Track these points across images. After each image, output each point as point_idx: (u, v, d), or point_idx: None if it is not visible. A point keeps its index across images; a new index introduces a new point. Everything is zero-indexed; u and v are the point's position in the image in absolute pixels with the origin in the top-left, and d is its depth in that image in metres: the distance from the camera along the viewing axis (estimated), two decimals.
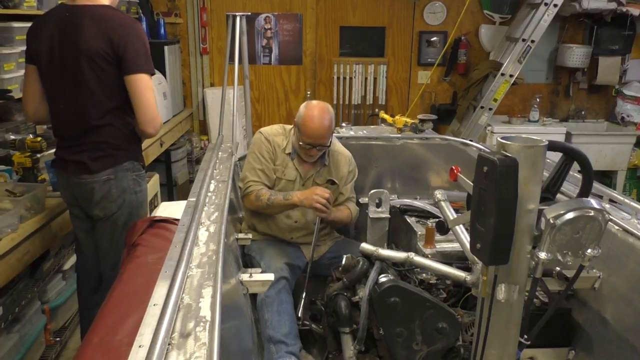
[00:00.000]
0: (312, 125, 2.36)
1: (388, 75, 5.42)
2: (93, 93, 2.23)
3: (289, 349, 2.12)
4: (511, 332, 1.48)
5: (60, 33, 2.22)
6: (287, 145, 2.51)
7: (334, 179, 2.56)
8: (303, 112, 2.41)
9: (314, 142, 2.39)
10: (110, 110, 2.27)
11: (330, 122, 2.41)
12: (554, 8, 4.49)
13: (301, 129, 2.39)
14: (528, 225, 1.36)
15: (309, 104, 2.44)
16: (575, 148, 1.65)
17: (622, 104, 5.34)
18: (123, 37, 2.19)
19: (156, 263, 2.17)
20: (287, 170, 2.49)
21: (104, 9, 2.25)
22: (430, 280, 2.23)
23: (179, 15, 5.16)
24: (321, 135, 2.38)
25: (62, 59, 2.23)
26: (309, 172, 2.51)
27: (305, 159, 2.48)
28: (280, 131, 2.57)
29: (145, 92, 2.24)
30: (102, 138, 2.28)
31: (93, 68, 2.20)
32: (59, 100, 2.30)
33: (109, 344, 1.89)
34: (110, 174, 2.31)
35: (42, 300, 2.82)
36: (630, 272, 1.92)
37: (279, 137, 2.53)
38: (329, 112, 2.43)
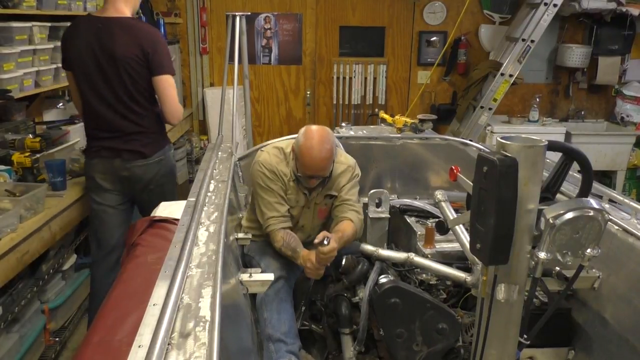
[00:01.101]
0: (310, 158, 2.21)
1: (388, 75, 5.42)
2: (130, 92, 2.64)
3: (289, 347, 2.11)
4: (511, 332, 1.48)
5: (97, 42, 2.59)
6: (291, 173, 2.37)
7: (332, 193, 2.44)
8: (301, 142, 2.23)
9: (312, 174, 2.26)
10: (145, 104, 2.71)
11: (329, 153, 2.23)
12: (554, 8, 4.49)
13: (299, 160, 2.25)
14: (528, 225, 1.36)
15: (307, 132, 2.25)
16: (574, 148, 1.66)
17: (621, 104, 5.34)
18: (151, 44, 2.62)
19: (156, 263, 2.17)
20: (297, 197, 2.39)
21: (130, 20, 2.70)
22: (430, 280, 2.23)
23: (178, 15, 5.16)
24: (320, 167, 2.24)
25: (99, 64, 2.61)
26: (313, 194, 2.41)
27: (306, 185, 2.35)
28: (280, 157, 2.40)
29: (169, 89, 2.69)
30: (145, 128, 2.73)
31: (128, 70, 2.60)
32: (99, 100, 2.67)
33: (108, 343, 1.89)
34: (161, 155, 2.81)
35: (42, 300, 2.82)
36: (629, 272, 1.92)
37: (281, 166, 2.37)
38: (329, 141, 2.24)
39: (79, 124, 3.53)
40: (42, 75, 3.11)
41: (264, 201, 2.35)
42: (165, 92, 2.69)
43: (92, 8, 3.84)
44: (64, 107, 3.77)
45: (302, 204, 2.40)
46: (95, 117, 2.72)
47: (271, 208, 2.33)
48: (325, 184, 2.39)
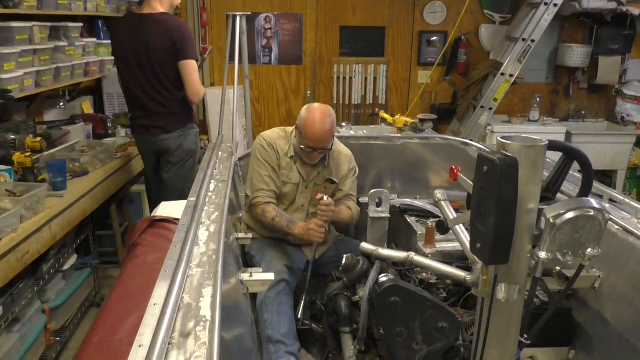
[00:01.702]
0: (313, 129, 2.35)
1: (388, 75, 5.42)
2: (159, 77, 3.13)
3: (288, 349, 2.12)
4: (511, 332, 1.48)
5: (134, 35, 3.11)
6: (289, 149, 2.50)
7: (333, 179, 2.56)
8: (304, 116, 2.39)
9: (315, 146, 2.38)
10: (172, 88, 3.15)
11: (331, 126, 2.39)
12: (554, 8, 4.48)
13: (302, 132, 2.38)
14: (528, 225, 1.36)
15: (310, 107, 2.42)
16: (575, 148, 1.65)
17: (622, 103, 5.34)
18: (178, 34, 3.06)
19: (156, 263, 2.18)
20: (291, 174, 2.48)
21: (162, 15, 3.16)
22: (430, 279, 2.23)
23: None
24: (322, 139, 2.38)
25: (136, 54, 3.11)
26: (311, 175, 2.51)
27: (307, 162, 2.47)
28: (281, 134, 2.55)
29: (191, 73, 3.13)
30: (170, 109, 3.20)
31: (158, 59, 3.09)
32: (135, 84, 3.19)
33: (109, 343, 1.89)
34: (181, 132, 3.25)
35: (42, 300, 2.82)
36: (630, 271, 1.92)
37: (281, 141, 2.51)
38: (331, 115, 2.41)
39: (79, 124, 3.54)
40: (43, 75, 3.11)
41: (256, 174, 2.46)
42: (188, 74, 3.12)
43: (92, 8, 3.84)
44: (65, 107, 3.78)
45: (297, 182, 2.49)
46: (133, 100, 3.27)
47: (261, 181, 2.45)
48: (325, 163, 2.50)
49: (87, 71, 3.72)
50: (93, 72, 3.82)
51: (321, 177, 2.54)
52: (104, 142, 3.44)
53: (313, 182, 2.51)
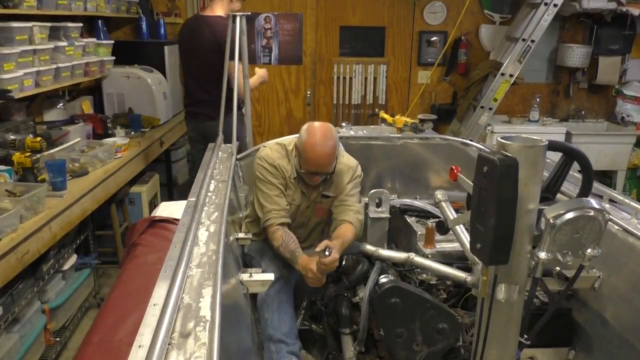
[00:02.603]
0: (313, 154, 2.21)
1: (388, 75, 5.42)
2: (207, 72, 3.57)
3: (289, 348, 2.11)
4: (511, 332, 1.48)
5: (193, 35, 3.62)
6: (292, 171, 2.37)
7: (328, 194, 2.43)
8: (304, 139, 2.24)
9: (316, 170, 2.27)
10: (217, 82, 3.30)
11: (332, 149, 2.24)
12: (554, 8, 4.49)
13: (302, 156, 2.25)
14: (528, 225, 1.36)
15: (310, 128, 2.26)
16: (575, 148, 1.65)
17: (622, 103, 5.34)
18: (223, 37, 3.21)
19: (156, 263, 2.18)
20: (295, 195, 2.39)
21: (215, 17, 3.56)
22: (430, 280, 2.22)
23: (178, 15, 5.15)
24: (323, 163, 2.24)
25: (192, 51, 3.67)
26: (313, 194, 2.41)
27: (308, 182, 2.36)
28: (282, 153, 2.40)
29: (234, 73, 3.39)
30: (213, 98, 3.44)
31: (206, 56, 3.54)
32: (191, 77, 3.79)
33: (109, 343, 1.89)
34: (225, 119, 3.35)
35: (42, 300, 2.82)
36: (630, 272, 1.92)
37: (283, 161, 2.37)
38: (332, 137, 2.25)
39: (79, 124, 3.54)
40: (42, 75, 3.11)
41: (264, 195, 2.35)
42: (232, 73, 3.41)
43: (92, 8, 3.85)
44: (64, 107, 3.78)
45: (299, 203, 2.40)
46: (187, 90, 3.90)
47: (271, 202, 2.33)
48: (327, 183, 2.39)
49: (86, 71, 3.72)
50: (93, 72, 3.82)
51: (321, 194, 2.43)
52: (104, 142, 3.44)
53: (313, 200, 2.46)
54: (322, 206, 2.45)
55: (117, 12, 4.40)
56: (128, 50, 4.37)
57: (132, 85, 4.19)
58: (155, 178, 4.19)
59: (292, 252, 2.24)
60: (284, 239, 2.28)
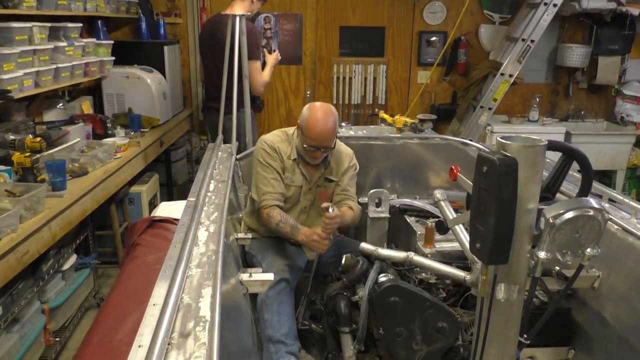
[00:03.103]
0: (316, 128, 2.34)
1: (388, 75, 5.42)
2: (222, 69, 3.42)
3: (288, 349, 2.11)
4: (511, 332, 1.48)
5: (212, 32, 3.75)
6: (292, 152, 2.48)
7: (331, 178, 2.55)
8: (307, 115, 2.38)
9: (318, 145, 2.37)
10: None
11: (334, 124, 2.39)
12: (554, 8, 4.49)
13: (305, 131, 2.37)
14: (527, 225, 1.36)
15: (312, 106, 2.42)
16: (574, 148, 1.66)
17: (621, 103, 5.34)
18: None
19: (156, 263, 2.18)
20: (294, 176, 2.47)
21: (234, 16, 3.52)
22: (429, 279, 2.23)
23: (178, 15, 5.15)
24: (325, 137, 2.37)
25: (211, 49, 3.77)
26: (314, 176, 2.49)
27: (310, 161, 2.46)
28: (283, 137, 2.53)
29: (253, 72, 3.57)
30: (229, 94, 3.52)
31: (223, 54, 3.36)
32: (208, 74, 3.93)
33: (108, 343, 1.89)
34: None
35: (42, 300, 2.82)
36: (629, 271, 1.92)
37: (283, 144, 2.49)
38: (333, 113, 2.40)
39: (79, 124, 3.54)
40: (42, 75, 3.11)
41: (261, 177, 2.44)
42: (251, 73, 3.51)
43: (91, 8, 3.84)
44: (64, 107, 3.78)
45: (300, 184, 2.48)
46: (207, 86, 4.05)
47: (267, 184, 2.42)
48: (327, 164, 2.49)
49: (86, 71, 3.72)
50: (92, 73, 3.82)
51: (323, 178, 2.53)
52: (104, 142, 3.44)
53: (315, 183, 2.51)
54: (325, 191, 2.54)
55: (116, 12, 4.40)
56: (128, 51, 4.37)
57: (132, 85, 4.19)
58: (155, 178, 4.20)
59: (292, 225, 2.36)
60: (282, 214, 2.39)
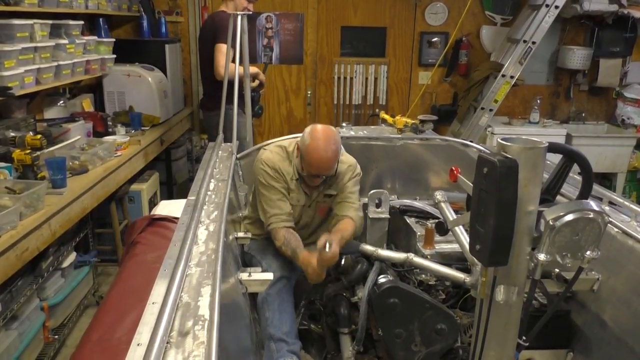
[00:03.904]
0: (316, 157, 2.23)
1: (389, 76, 5.42)
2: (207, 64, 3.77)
3: (290, 347, 2.11)
4: (510, 334, 1.48)
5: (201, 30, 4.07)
6: (293, 172, 2.38)
7: (330, 193, 2.46)
8: (307, 142, 2.25)
9: (318, 173, 2.29)
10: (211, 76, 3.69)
11: (335, 153, 2.26)
12: (555, 10, 4.49)
13: (305, 159, 2.27)
14: (527, 227, 1.36)
15: (313, 132, 2.27)
16: (575, 150, 1.65)
17: (622, 106, 5.34)
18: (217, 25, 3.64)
19: (155, 261, 2.18)
20: (298, 195, 2.40)
21: (218, 12, 3.81)
22: (429, 281, 2.23)
23: (180, 13, 5.15)
24: (326, 166, 2.27)
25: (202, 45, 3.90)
26: (314, 193, 2.43)
27: (309, 184, 2.38)
28: (283, 155, 2.41)
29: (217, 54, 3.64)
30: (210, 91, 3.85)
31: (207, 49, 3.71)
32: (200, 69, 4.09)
33: (107, 341, 1.89)
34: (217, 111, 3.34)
35: (41, 298, 2.82)
36: (629, 274, 1.92)
37: (284, 164, 2.39)
38: (335, 141, 2.26)
39: (80, 122, 3.54)
40: (43, 72, 3.11)
41: (266, 199, 2.36)
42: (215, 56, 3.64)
43: (93, 6, 3.84)
44: (65, 105, 3.78)
45: (303, 203, 2.41)
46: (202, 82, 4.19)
47: (274, 206, 2.34)
48: (327, 183, 2.40)
49: (87, 69, 3.72)
50: (94, 70, 3.82)
51: (322, 194, 2.46)
52: (104, 140, 3.44)
53: (315, 200, 2.46)
54: (325, 205, 2.47)
55: (118, 10, 4.40)
56: (129, 49, 4.37)
57: (133, 83, 4.19)
58: (155, 176, 4.20)
59: (293, 250, 2.27)
60: (286, 237, 2.30)
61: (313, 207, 2.44)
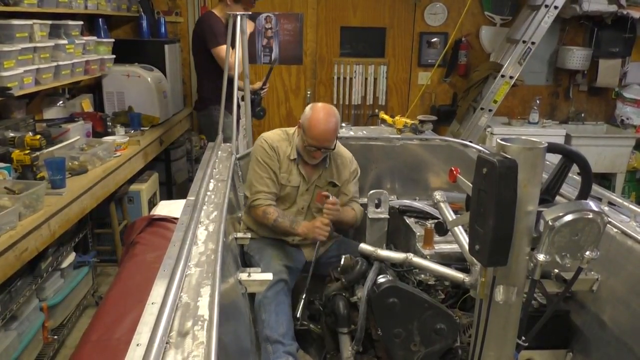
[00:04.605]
0: (318, 128, 2.36)
1: (388, 76, 5.42)
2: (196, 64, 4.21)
3: (286, 349, 2.11)
4: (509, 334, 1.48)
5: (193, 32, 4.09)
6: (291, 151, 2.49)
7: (335, 182, 2.55)
8: (309, 114, 2.40)
9: (319, 145, 2.39)
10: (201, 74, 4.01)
11: (335, 125, 2.41)
12: (555, 10, 4.49)
13: (307, 131, 2.39)
14: (527, 227, 1.36)
15: (314, 106, 2.43)
16: (574, 150, 1.66)
17: (621, 106, 5.34)
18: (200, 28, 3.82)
19: (155, 262, 2.18)
20: (291, 176, 2.47)
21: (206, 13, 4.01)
22: (428, 281, 2.23)
23: (179, 14, 5.15)
24: (326, 137, 2.39)
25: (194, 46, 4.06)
26: (313, 177, 2.50)
27: (309, 161, 2.47)
28: (283, 136, 2.55)
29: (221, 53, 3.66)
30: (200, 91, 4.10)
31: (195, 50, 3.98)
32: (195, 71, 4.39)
33: (107, 342, 1.89)
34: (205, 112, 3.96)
35: (40, 298, 2.82)
36: (628, 274, 1.92)
37: (283, 143, 2.51)
38: (335, 115, 2.42)
39: (79, 122, 3.54)
40: (43, 73, 3.11)
41: (257, 175, 2.46)
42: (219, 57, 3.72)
43: (92, 6, 3.84)
44: (64, 105, 3.78)
45: (297, 185, 2.48)
46: None
47: (262, 183, 2.44)
48: (326, 165, 2.50)
49: (87, 69, 3.72)
50: (93, 71, 3.82)
51: (323, 179, 2.53)
52: (104, 141, 3.44)
53: (314, 184, 2.51)
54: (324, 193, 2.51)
55: (117, 10, 4.40)
56: (128, 49, 4.37)
57: (132, 83, 4.19)
58: (155, 177, 4.20)
59: (291, 219, 2.40)
60: (278, 212, 2.42)
61: (311, 191, 2.49)
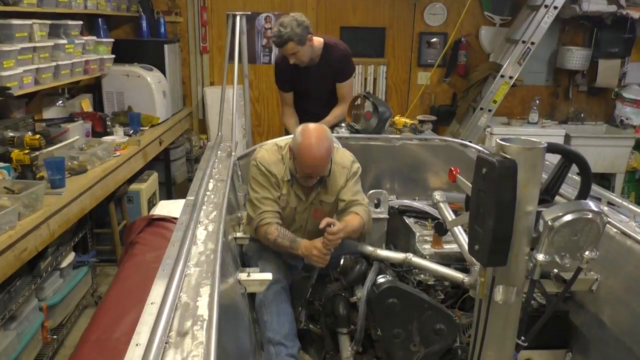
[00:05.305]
0: (309, 156, 2.20)
1: (388, 76, 5.42)
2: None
3: (289, 351, 2.10)
4: (508, 334, 1.48)
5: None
6: (285, 173, 2.37)
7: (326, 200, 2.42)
8: (299, 141, 2.22)
9: (311, 172, 2.26)
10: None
11: (327, 151, 2.22)
12: (554, 10, 4.49)
13: (298, 159, 2.24)
14: (526, 227, 1.36)
15: (305, 131, 2.24)
16: (574, 150, 1.66)
17: (621, 106, 5.34)
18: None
19: (154, 261, 2.17)
20: (289, 198, 2.38)
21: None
22: (428, 281, 2.23)
23: (179, 14, 5.15)
24: (318, 165, 2.24)
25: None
26: (310, 196, 2.40)
27: (303, 184, 2.35)
28: (278, 157, 2.39)
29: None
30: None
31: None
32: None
33: (106, 342, 1.89)
34: None
35: (40, 298, 2.82)
36: (627, 274, 1.92)
37: (277, 167, 2.37)
38: (327, 138, 2.24)
39: (78, 122, 3.54)
40: (42, 72, 3.10)
41: (259, 196, 2.35)
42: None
43: (92, 6, 3.84)
44: (64, 105, 3.78)
45: (295, 205, 2.39)
46: None
47: (266, 203, 2.34)
48: (322, 184, 2.38)
49: (86, 69, 3.71)
50: (92, 70, 3.81)
51: (318, 198, 2.42)
52: (103, 140, 3.44)
53: (311, 202, 2.45)
54: (321, 209, 2.43)
55: (117, 10, 4.40)
56: (128, 49, 4.37)
57: (132, 83, 4.19)
58: (154, 176, 4.19)
59: (291, 239, 2.28)
60: (279, 230, 2.30)
61: (308, 210, 2.43)
